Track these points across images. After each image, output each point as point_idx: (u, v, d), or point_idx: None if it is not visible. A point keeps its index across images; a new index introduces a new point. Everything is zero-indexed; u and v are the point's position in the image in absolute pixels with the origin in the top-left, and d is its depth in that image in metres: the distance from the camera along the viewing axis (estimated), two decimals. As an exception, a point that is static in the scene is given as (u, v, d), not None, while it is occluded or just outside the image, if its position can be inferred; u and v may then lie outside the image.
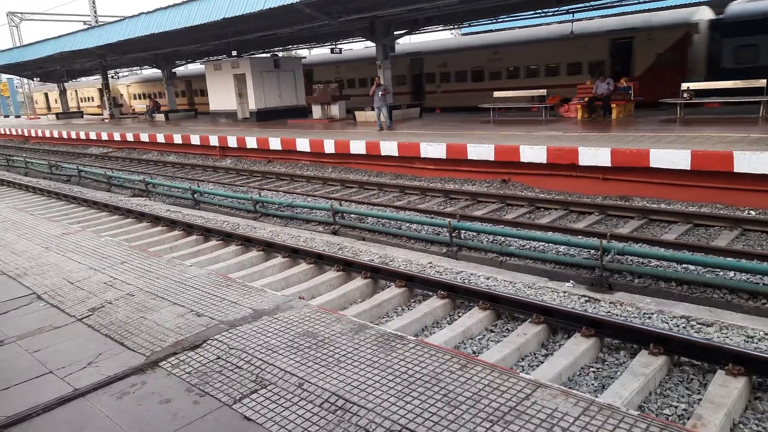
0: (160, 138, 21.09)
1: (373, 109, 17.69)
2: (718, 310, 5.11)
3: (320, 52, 31.97)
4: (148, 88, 40.48)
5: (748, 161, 8.45)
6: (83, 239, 6.66)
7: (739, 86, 13.43)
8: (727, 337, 4.44)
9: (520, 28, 24.10)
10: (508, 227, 8.09)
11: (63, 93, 40.52)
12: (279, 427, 2.63)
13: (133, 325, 3.96)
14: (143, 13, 21.06)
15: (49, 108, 53.55)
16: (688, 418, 3.49)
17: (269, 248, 7.63)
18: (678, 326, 4.71)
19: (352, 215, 8.98)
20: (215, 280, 4.88)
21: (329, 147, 14.81)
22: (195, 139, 19.46)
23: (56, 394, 3.08)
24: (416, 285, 6.00)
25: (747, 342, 4.36)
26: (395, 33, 19.62)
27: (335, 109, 22.08)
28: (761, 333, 4.42)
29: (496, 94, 17.80)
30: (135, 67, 40.09)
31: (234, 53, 25.94)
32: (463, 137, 13.18)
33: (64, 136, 27.58)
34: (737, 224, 7.65)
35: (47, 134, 29.09)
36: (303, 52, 36.97)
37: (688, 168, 9.08)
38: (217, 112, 25.85)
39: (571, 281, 6.26)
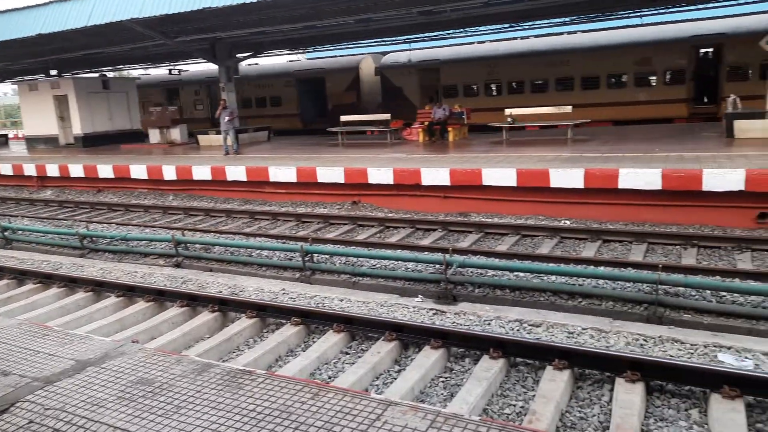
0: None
1: (218, 133, 17.01)
2: (544, 311, 5.69)
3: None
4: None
5: (561, 177, 9.66)
6: None
7: (552, 112, 15.43)
8: (553, 335, 4.94)
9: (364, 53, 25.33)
10: (359, 248, 8.23)
11: None
12: (105, 494, 2.29)
13: None
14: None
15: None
16: (525, 414, 3.78)
17: (100, 288, 6.83)
18: (513, 329, 5.13)
19: (197, 245, 8.45)
20: (28, 331, 4.21)
21: (169, 173, 13.86)
22: (5, 169, 16.93)
23: None
24: (269, 314, 5.79)
25: (569, 338, 4.88)
26: (238, 56, 19.21)
27: (175, 133, 20.83)
28: (579, 328, 5.00)
29: (343, 117, 18.24)
30: None
31: (53, 72, 23.25)
32: (312, 160, 13.23)
33: None
34: (556, 233, 8.65)
35: None
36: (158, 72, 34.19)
37: (515, 185, 10.10)
38: (33, 138, 22.85)
39: (420, 296, 6.53)
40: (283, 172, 12.37)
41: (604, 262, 6.94)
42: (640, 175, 9.03)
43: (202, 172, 13.38)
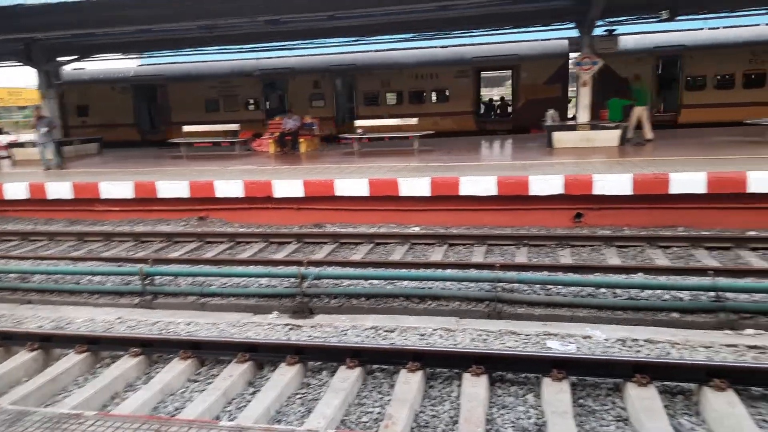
0: None
1: (35, 146, 14.98)
2: (398, 316, 5.86)
3: None
4: None
5: (409, 186, 10.12)
6: None
7: (399, 124, 16.14)
8: (407, 339, 5.10)
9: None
10: (208, 266, 7.78)
11: None
12: None
13: None
14: None
15: None
16: (382, 420, 3.83)
17: None
18: (369, 337, 5.20)
19: (11, 274, 7.31)
20: None
21: (-27, 193, 11.86)
22: None
23: None
24: (102, 347, 5.16)
25: (421, 339, 5.08)
26: (60, 59, 17.18)
27: (-18, 146, 17.96)
28: (430, 329, 5.23)
29: (186, 128, 17.25)
30: None
31: None
32: (152, 174, 12.26)
33: None
34: (407, 240, 9.01)
35: None
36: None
37: (368, 194, 10.34)
38: None
39: (275, 312, 6.34)
40: (116, 187, 11.26)
41: (450, 265, 7.38)
42: (478, 183, 9.81)
43: (16, 190, 11.65)
